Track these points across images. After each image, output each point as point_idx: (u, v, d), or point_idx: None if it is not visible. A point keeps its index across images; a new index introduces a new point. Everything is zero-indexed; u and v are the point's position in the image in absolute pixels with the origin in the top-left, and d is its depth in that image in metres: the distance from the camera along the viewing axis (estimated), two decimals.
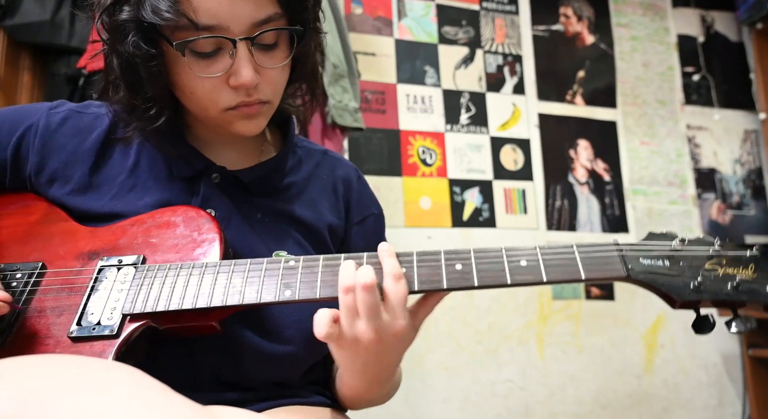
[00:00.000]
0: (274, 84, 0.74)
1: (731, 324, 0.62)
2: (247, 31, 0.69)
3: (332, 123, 1.88)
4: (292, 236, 0.80)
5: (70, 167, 0.79)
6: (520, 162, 2.53)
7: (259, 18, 0.69)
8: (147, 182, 0.79)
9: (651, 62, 2.84)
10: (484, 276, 0.64)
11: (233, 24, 0.68)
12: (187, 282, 0.67)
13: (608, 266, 0.64)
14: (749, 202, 2.84)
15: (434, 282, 0.65)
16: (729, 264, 0.63)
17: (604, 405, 2.39)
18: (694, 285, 0.62)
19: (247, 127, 0.75)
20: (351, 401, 0.80)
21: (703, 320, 0.63)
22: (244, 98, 0.72)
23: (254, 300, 0.65)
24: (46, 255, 0.74)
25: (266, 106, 0.75)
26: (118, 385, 0.46)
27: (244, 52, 0.69)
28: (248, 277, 0.67)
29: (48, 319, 0.67)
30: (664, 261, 0.64)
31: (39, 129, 0.80)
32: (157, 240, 0.73)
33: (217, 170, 0.79)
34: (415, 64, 2.47)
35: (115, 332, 0.64)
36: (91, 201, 0.78)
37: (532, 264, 0.65)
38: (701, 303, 0.63)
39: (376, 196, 0.94)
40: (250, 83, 0.70)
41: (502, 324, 2.34)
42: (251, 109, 0.73)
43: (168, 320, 0.67)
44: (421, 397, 2.18)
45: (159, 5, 0.65)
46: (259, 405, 0.74)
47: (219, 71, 0.70)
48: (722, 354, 2.59)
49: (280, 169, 0.84)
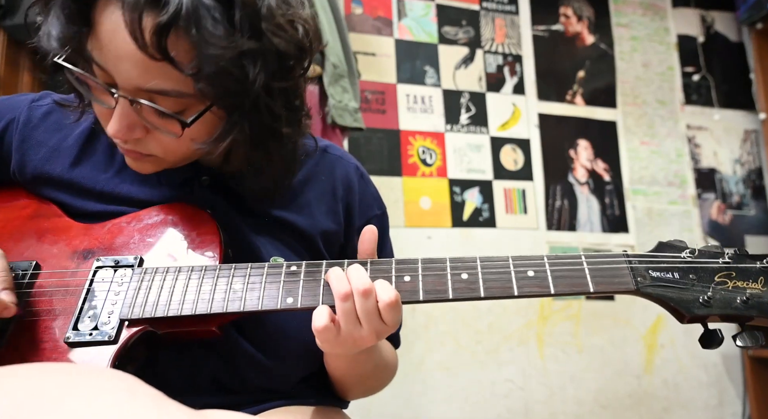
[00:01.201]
0: (163, 145, 0.66)
1: (737, 338, 0.61)
2: (131, 92, 0.61)
3: (332, 123, 1.88)
4: (285, 241, 0.78)
5: (50, 163, 0.75)
6: (520, 162, 2.53)
7: (153, 88, 0.61)
8: (135, 182, 0.75)
9: (651, 62, 2.84)
10: (490, 287, 0.63)
11: (119, 78, 0.61)
12: (186, 287, 0.65)
13: (617, 279, 0.63)
14: (749, 202, 2.83)
15: (440, 292, 0.63)
16: (739, 276, 0.62)
17: (604, 405, 2.39)
18: (704, 299, 0.61)
19: (132, 164, 0.70)
20: (347, 384, 0.78)
21: (711, 335, 0.62)
22: (120, 143, 0.66)
23: (255, 307, 0.63)
24: (39, 253, 0.71)
25: (152, 158, 0.68)
26: (109, 392, 0.45)
27: (122, 106, 0.62)
28: (249, 283, 0.65)
29: (43, 323, 0.65)
30: (673, 273, 0.63)
31: (19, 124, 0.76)
32: (154, 239, 0.71)
33: (207, 173, 0.76)
34: (415, 64, 2.47)
35: (113, 338, 0.62)
36: (73, 198, 0.75)
37: (540, 275, 0.63)
38: (709, 317, 0.62)
39: (378, 192, 0.90)
40: (118, 137, 0.64)
41: (502, 324, 2.34)
42: (129, 154, 0.68)
43: (167, 325, 0.65)
44: (421, 397, 2.18)
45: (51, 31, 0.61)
46: (256, 407, 0.73)
47: (104, 102, 0.64)
48: (722, 354, 2.59)
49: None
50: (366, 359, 0.72)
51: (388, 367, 0.81)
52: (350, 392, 0.81)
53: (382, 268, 0.65)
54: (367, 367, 0.74)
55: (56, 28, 0.61)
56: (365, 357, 0.71)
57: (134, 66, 0.59)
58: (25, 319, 0.65)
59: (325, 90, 1.86)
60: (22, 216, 0.74)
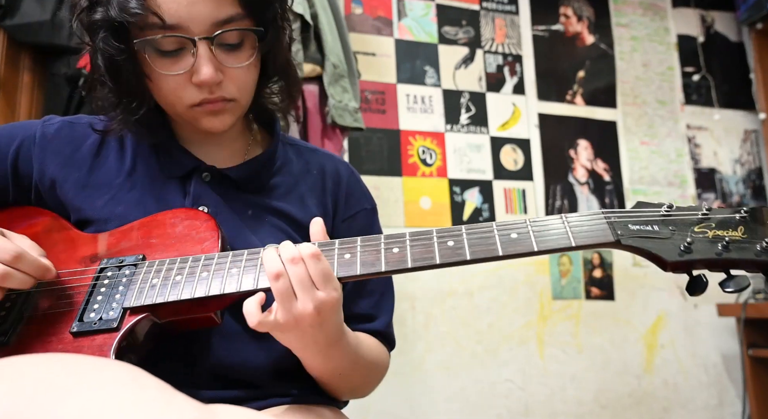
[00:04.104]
0: (238, 82, 0.76)
1: (726, 284, 0.62)
2: (207, 30, 0.71)
3: (332, 123, 1.88)
4: (284, 231, 0.82)
5: (67, 169, 0.81)
6: (520, 162, 2.53)
7: (219, 18, 0.71)
8: (143, 183, 0.81)
9: (651, 62, 2.84)
10: (476, 250, 0.65)
11: (193, 24, 0.70)
12: (185, 275, 0.68)
13: (597, 233, 0.64)
14: (749, 202, 2.83)
15: (427, 259, 0.65)
16: (718, 226, 0.63)
17: (604, 405, 2.39)
18: (684, 246, 0.62)
19: (212, 122, 0.77)
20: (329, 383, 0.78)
21: (695, 280, 0.63)
22: (207, 95, 0.74)
23: (251, 286, 0.66)
24: (49, 260, 0.74)
25: (231, 103, 0.77)
26: (115, 383, 0.46)
27: (204, 51, 0.72)
28: (245, 267, 0.68)
29: (50, 318, 0.68)
30: (653, 226, 0.64)
31: (36, 138, 0.82)
32: (156, 240, 0.75)
33: (207, 169, 0.81)
34: (415, 64, 2.47)
35: (116, 325, 0.65)
36: (89, 201, 0.79)
37: (523, 235, 0.65)
38: (693, 265, 0.63)
39: (370, 192, 0.94)
40: (210, 81, 0.72)
41: (502, 324, 2.34)
42: (215, 105, 0.76)
43: (168, 312, 0.68)
44: (421, 397, 2.18)
45: (126, 3, 0.68)
46: (258, 403, 0.74)
47: (181, 69, 0.73)
48: (722, 354, 2.59)
49: (269, 166, 0.85)
50: (338, 355, 0.71)
51: (372, 365, 0.81)
52: (335, 391, 0.80)
53: (372, 243, 0.68)
54: (342, 364, 0.73)
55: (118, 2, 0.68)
56: (337, 354, 0.71)
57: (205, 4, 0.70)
58: (35, 316, 0.69)
59: (325, 90, 1.86)
60: (35, 232, 0.79)
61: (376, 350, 0.83)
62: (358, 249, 0.68)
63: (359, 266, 0.66)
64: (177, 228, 0.75)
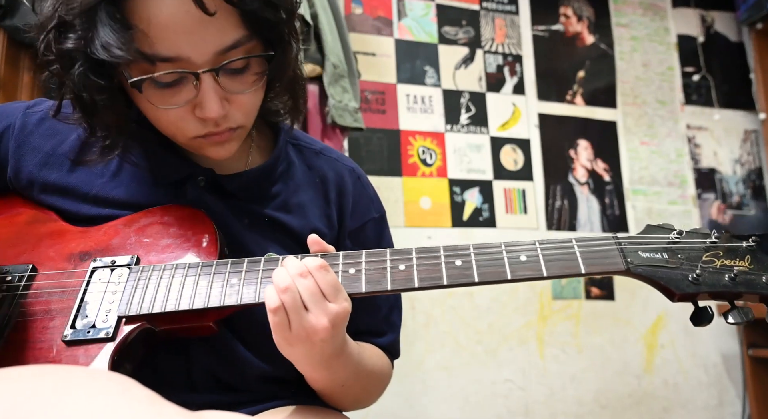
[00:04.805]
0: (245, 109, 0.69)
1: (728, 315, 0.62)
2: (211, 60, 0.63)
3: (332, 123, 1.88)
4: (281, 242, 0.77)
5: (46, 169, 0.76)
6: (520, 162, 2.53)
7: (224, 45, 0.63)
8: (130, 186, 0.75)
9: (651, 62, 2.84)
10: (484, 272, 0.64)
11: (195, 54, 0.62)
12: (183, 283, 0.66)
13: (608, 260, 0.64)
14: (749, 201, 2.83)
15: (434, 279, 0.64)
16: (726, 255, 0.64)
17: (604, 405, 2.39)
18: (693, 277, 0.63)
19: (218, 152, 0.71)
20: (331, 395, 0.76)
21: (701, 312, 0.63)
22: (212, 128, 0.68)
23: (252, 300, 0.64)
24: (36, 256, 0.71)
25: (238, 130, 0.71)
26: (104, 394, 0.45)
27: (208, 83, 0.64)
28: (245, 277, 0.66)
29: (41, 323, 0.65)
30: (662, 253, 0.65)
31: (15, 130, 0.76)
32: (150, 239, 0.71)
33: (203, 173, 0.76)
34: (415, 64, 2.47)
35: (110, 335, 0.63)
36: (69, 203, 0.75)
37: (532, 259, 0.64)
38: (699, 295, 0.63)
39: (378, 196, 0.89)
40: (217, 116, 0.65)
41: (502, 324, 2.34)
42: (221, 136, 0.69)
43: (164, 321, 0.65)
44: (421, 397, 2.18)
45: (110, 41, 0.59)
46: (254, 407, 0.73)
47: (182, 102, 0.65)
48: (722, 354, 2.59)
49: (268, 177, 0.80)
50: (341, 366, 0.68)
51: (374, 376, 0.79)
52: (338, 403, 0.78)
53: (378, 259, 0.66)
54: (344, 374, 0.70)
55: (111, 37, 0.59)
56: (340, 365, 0.68)
57: (207, 30, 0.61)
58: (23, 320, 0.65)
59: (325, 90, 1.86)
60: (18, 223, 0.74)
61: (379, 360, 0.81)
62: (363, 264, 0.66)
63: (364, 284, 0.65)
64: (172, 228, 0.71)
